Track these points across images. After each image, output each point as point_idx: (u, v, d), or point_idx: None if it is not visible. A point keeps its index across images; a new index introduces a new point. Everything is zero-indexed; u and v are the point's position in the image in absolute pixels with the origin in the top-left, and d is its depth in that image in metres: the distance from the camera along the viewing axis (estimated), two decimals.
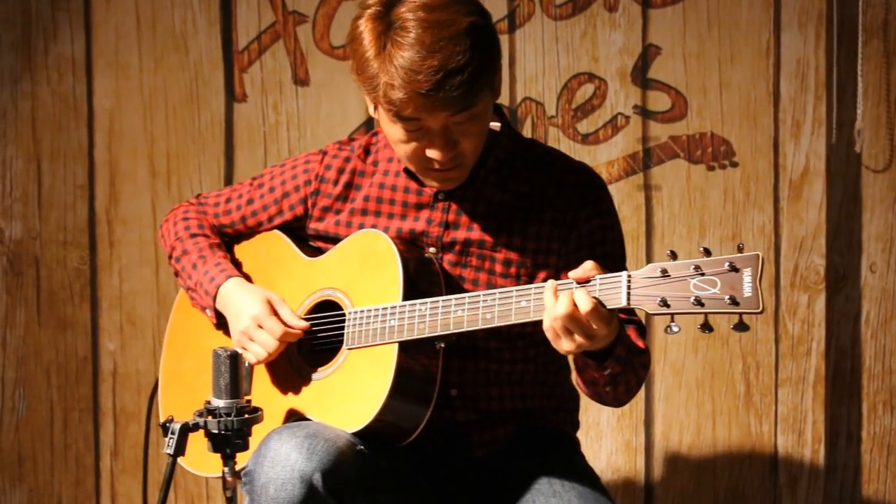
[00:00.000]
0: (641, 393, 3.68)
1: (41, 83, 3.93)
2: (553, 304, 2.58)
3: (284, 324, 2.87)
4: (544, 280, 2.81)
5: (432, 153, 2.75)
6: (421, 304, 2.75)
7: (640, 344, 2.82)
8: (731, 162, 3.81)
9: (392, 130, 2.77)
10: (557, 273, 2.86)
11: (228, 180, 3.91)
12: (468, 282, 2.89)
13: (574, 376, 2.89)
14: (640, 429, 3.89)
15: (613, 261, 2.84)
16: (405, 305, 2.77)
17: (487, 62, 2.72)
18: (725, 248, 3.80)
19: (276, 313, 2.87)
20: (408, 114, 2.69)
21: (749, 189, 3.82)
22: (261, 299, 2.88)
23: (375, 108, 2.79)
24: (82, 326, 3.97)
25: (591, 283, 2.57)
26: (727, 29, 3.79)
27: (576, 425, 3.09)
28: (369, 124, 3.83)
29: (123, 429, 3.99)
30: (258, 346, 2.87)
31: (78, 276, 3.97)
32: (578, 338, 2.58)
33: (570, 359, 2.90)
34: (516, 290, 2.67)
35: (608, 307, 2.56)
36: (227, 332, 3.01)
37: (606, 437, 3.89)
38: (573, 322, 2.56)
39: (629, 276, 2.54)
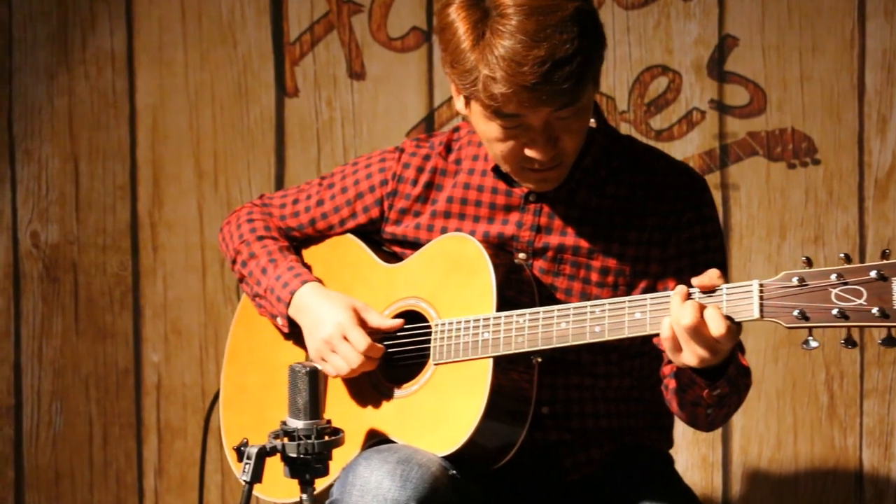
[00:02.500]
0: None
1: (79, 78, 3.86)
2: (679, 311, 2.41)
3: (375, 329, 2.71)
4: (645, 290, 2.68)
5: (532, 152, 2.59)
6: (518, 315, 2.59)
7: (744, 362, 2.66)
8: (813, 159, 3.73)
9: (487, 128, 2.61)
10: (656, 283, 2.72)
11: (279, 180, 3.83)
12: (560, 291, 2.74)
13: (668, 393, 2.73)
14: (717, 443, 3.80)
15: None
16: (500, 317, 2.61)
17: (594, 51, 2.56)
18: (807, 251, 3.72)
19: (362, 323, 2.72)
20: (509, 110, 2.54)
21: (832, 188, 3.73)
22: (346, 306, 2.73)
23: (467, 103, 2.63)
24: (123, 336, 3.90)
25: (717, 292, 2.41)
26: (809, 18, 3.70)
27: (671, 443, 2.94)
28: (429, 120, 3.77)
29: (168, 445, 3.92)
30: (340, 359, 2.72)
31: (118, 282, 3.90)
32: (701, 351, 2.42)
33: (666, 374, 2.74)
34: (629, 301, 2.51)
35: (736, 320, 2.39)
36: (297, 342, 2.87)
37: (682, 452, 3.79)
38: (698, 334, 2.40)
39: (761, 285, 2.36)
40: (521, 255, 2.74)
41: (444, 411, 2.63)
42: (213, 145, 3.85)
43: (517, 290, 2.68)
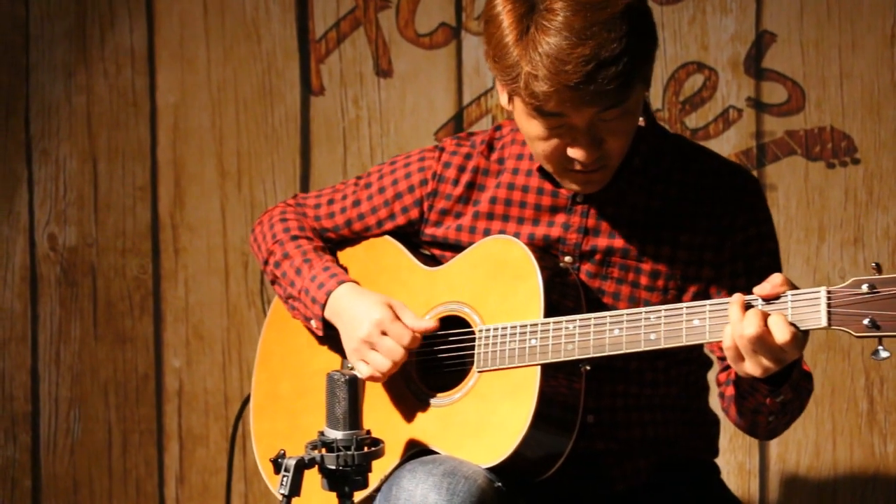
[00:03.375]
0: None
1: (97, 76, 3.83)
2: (740, 321, 2.34)
3: (410, 329, 2.65)
4: (696, 294, 2.61)
5: (574, 153, 2.52)
6: (568, 321, 2.51)
7: (806, 367, 2.57)
8: (853, 158, 3.67)
9: (529, 126, 2.54)
10: (708, 287, 2.64)
11: (304, 181, 3.80)
12: (608, 295, 2.66)
13: (724, 401, 2.66)
14: (754, 450, 3.74)
15: (769, 275, 2.56)
16: (548, 323, 2.53)
17: (644, 51, 2.48)
18: (846, 253, 3.67)
19: (399, 319, 2.66)
20: (551, 108, 2.46)
21: (872, 188, 3.67)
22: (382, 303, 2.67)
23: (510, 99, 2.56)
24: (143, 341, 3.87)
25: (782, 299, 2.33)
26: (848, 14, 3.65)
27: (715, 452, 2.87)
28: (458, 119, 3.73)
29: (190, 452, 3.89)
30: (381, 356, 2.64)
31: (138, 286, 3.87)
32: (765, 361, 2.35)
33: (722, 381, 2.67)
34: (686, 307, 2.43)
35: (802, 328, 2.31)
36: (331, 347, 2.80)
37: (718, 459, 3.61)
38: (762, 344, 2.33)
39: (829, 291, 2.28)
40: (567, 259, 2.67)
41: (489, 420, 2.56)
42: (237, 145, 3.81)
43: (563, 294, 2.61)
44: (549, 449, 2.54)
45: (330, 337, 2.78)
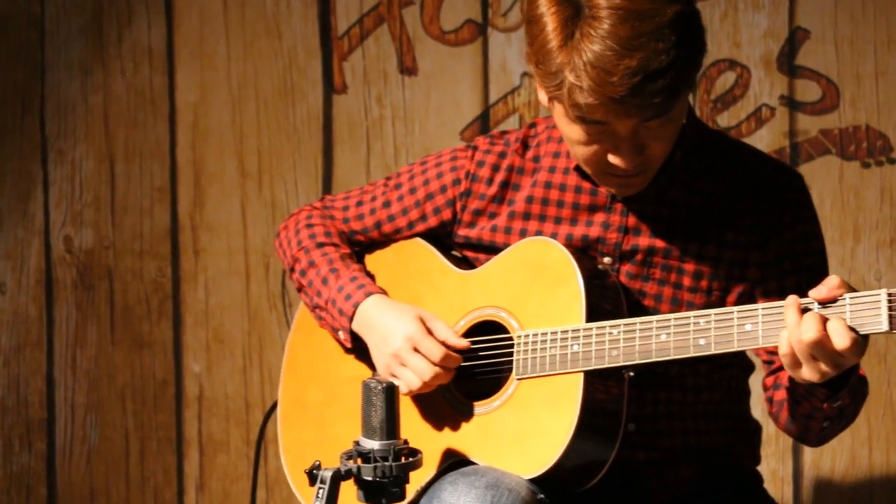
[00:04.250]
0: None
1: (115, 74, 3.81)
2: (797, 326, 2.27)
3: (441, 343, 2.59)
4: (741, 295, 2.55)
5: (616, 159, 2.46)
6: (612, 326, 2.45)
7: (861, 371, 2.52)
8: (889, 158, 3.63)
9: (570, 130, 2.48)
10: (754, 288, 2.58)
11: (326, 181, 3.77)
12: (650, 297, 2.60)
13: (772, 406, 2.60)
14: (787, 456, 3.70)
15: (818, 276, 2.52)
16: (591, 328, 2.47)
17: (692, 61, 2.41)
18: (882, 254, 3.63)
19: (431, 333, 2.60)
20: (594, 118, 2.41)
21: None
22: (413, 317, 2.61)
23: (550, 100, 2.50)
24: (161, 345, 3.85)
25: (839, 302, 2.27)
26: (884, 10, 3.61)
27: (758, 459, 2.81)
28: (484, 118, 3.70)
29: (210, 459, 3.87)
30: (412, 373, 2.58)
31: (156, 289, 3.85)
32: (824, 366, 2.29)
33: (769, 386, 2.62)
34: (738, 311, 2.36)
35: (862, 332, 2.26)
36: (361, 354, 2.73)
37: None
38: (821, 350, 2.27)
39: (889, 294, 2.23)
40: (607, 260, 2.61)
41: (529, 430, 2.50)
42: (258, 144, 3.79)
43: (603, 297, 2.55)
44: (592, 459, 2.49)
45: (359, 346, 2.72)
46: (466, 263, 2.72)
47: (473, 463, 2.55)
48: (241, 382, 3.82)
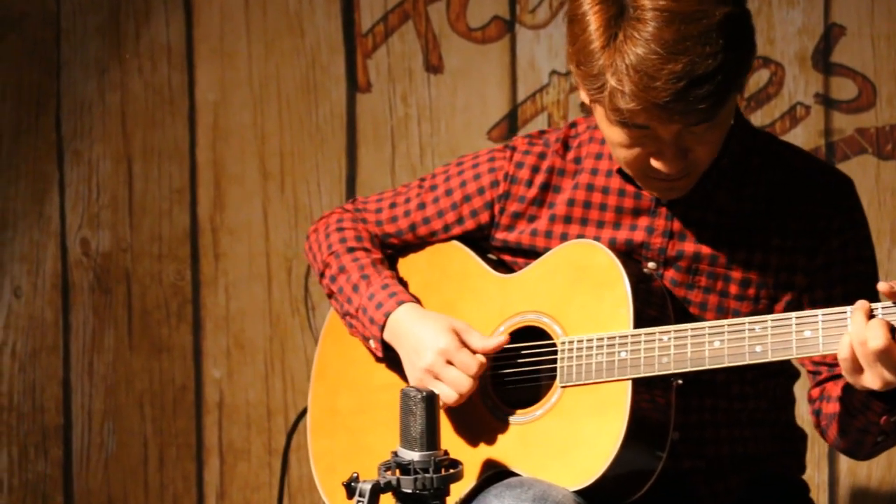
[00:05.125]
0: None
1: (132, 73, 3.80)
2: (864, 331, 2.22)
3: (478, 352, 2.54)
4: (789, 303, 2.50)
5: (658, 164, 2.41)
6: (662, 332, 2.40)
7: None
8: None
9: (611, 133, 2.44)
10: (801, 295, 2.53)
11: (350, 182, 3.76)
12: (694, 305, 2.54)
13: (820, 419, 2.56)
14: (823, 463, 3.67)
15: (868, 284, 2.49)
16: (639, 334, 2.41)
17: (740, 65, 2.36)
18: None
19: (465, 345, 2.55)
20: (636, 122, 2.36)
21: None
22: (446, 329, 2.56)
23: (591, 102, 2.45)
24: (180, 351, 3.84)
25: None
26: None
27: (803, 468, 2.76)
28: (512, 117, 3.69)
29: (231, 467, 3.85)
30: (447, 386, 2.53)
31: (176, 293, 3.84)
32: (888, 375, 2.23)
33: (816, 397, 2.58)
34: (796, 317, 2.31)
35: None
36: (392, 363, 2.68)
37: None
38: (887, 357, 2.21)
39: None
40: (651, 265, 2.56)
41: (575, 439, 2.44)
42: (279, 144, 3.77)
43: (647, 302, 2.49)
44: (638, 469, 2.43)
45: (390, 355, 2.68)
46: (504, 267, 2.68)
47: (514, 473, 2.50)
48: (262, 389, 3.81)
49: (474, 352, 2.54)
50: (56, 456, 3.88)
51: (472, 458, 2.51)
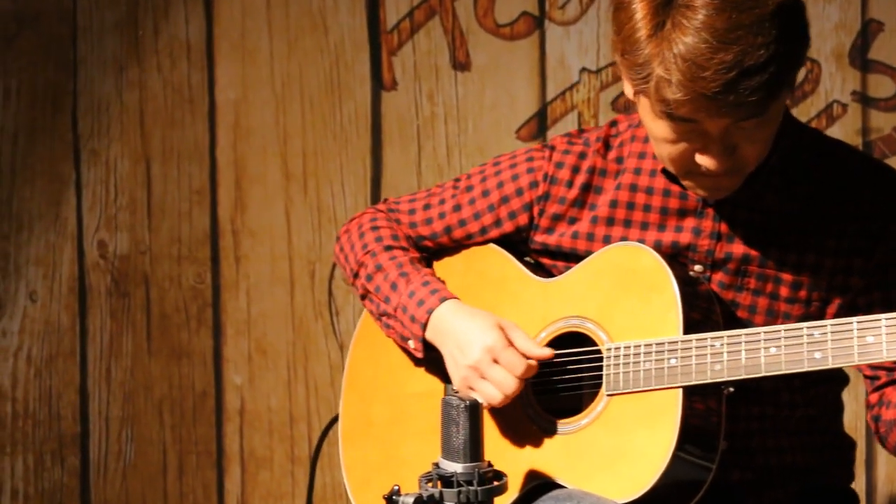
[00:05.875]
0: (861, 430, 3.55)
1: (150, 71, 3.79)
2: None
3: (522, 354, 2.48)
4: (841, 306, 2.45)
5: (704, 160, 2.35)
6: (714, 338, 2.34)
7: None
8: None
9: (655, 127, 2.37)
10: (856, 298, 2.47)
11: (375, 182, 3.74)
12: (743, 308, 2.49)
13: (880, 425, 2.50)
14: (861, 471, 3.62)
15: None
16: (690, 340, 2.35)
17: (793, 57, 2.30)
18: None
19: (512, 343, 2.49)
20: (683, 114, 2.30)
21: None
22: (492, 325, 2.50)
23: (636, 94, 2.39)
24: (201, 356, 3.82)
25: None
26: None
27: (852, 477, 2.71)
28: (542, 115, 3.66)
29: (252, 476, 3.83)
30: (492, 386, 2.47)
31: (195, 296, 3.82)
32: None
33: (874, 402, 2.52)
34: (857, 322, 2.24)
35: None
36: (430, 368, 2.64)
37: None
38: None
39: None
40: (697, 268, 2.50)
41: (623, 450, 2.38)
42: (302, 144, 3.76)
43: (695, 306, 2.43)
44: (689, 481, 2.37)
45: (429, 357, 2.62)
46: (543, 271, 2.63)
47: (559, 485, 2.45)
48: (284, 396, 3.79)
49: (518, 352, 2.49)
50: (73, 464, 3.87)
51: (514, 469, 2.45)
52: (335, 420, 2.81)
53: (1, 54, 3.75)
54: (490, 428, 2.51)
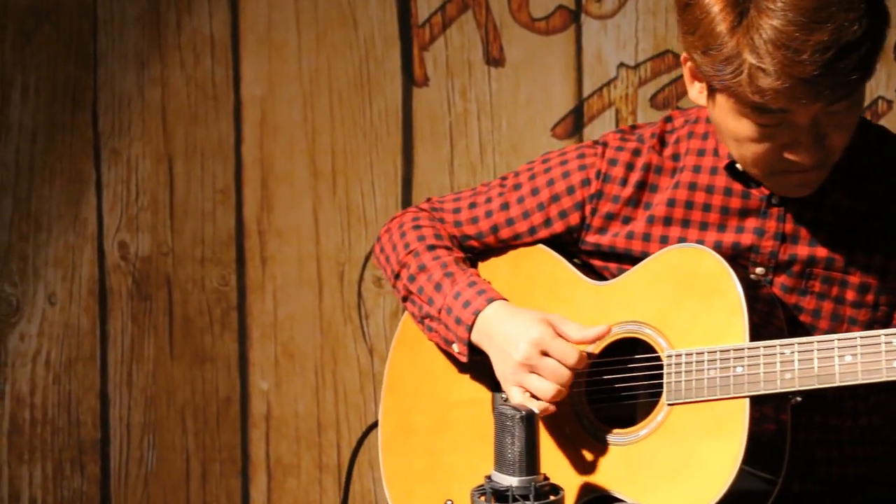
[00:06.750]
0: None
1: (173, 66, 3.77)
2: None
3: (578, 342, 2.42)
4: None
5: (795, 155, 2.29)
6: (783, 345, 2.27)
7: None
8: None
9: (738, 125, 2.30)
10: None
11: (406, 181, 3.71)
12: (806, 312, 2.42)
13: None
14: None
15: None
16: (758, 347, 2.28)
17: (882, 32, 2.26)
18: None
19: (561, 335, 2.44)
20: (776, 105, 2.23)
21: None
22: (540, 319, 2.44)
23: (712, 94, 2.33)
24: (225, 360, 3.80)
25: None
26: None
27: None
28: (578, 112, 3.61)
29: (279, 484, 3.81)
30: (544, 381, 2.41)
31: (219, 299, 3.80)
32: None
33: None
34: None
35: None
36: (476, 373, 2.57)
37: None
38: None
39: None
40: (759, 270, 2.43)
41: (686, 462, 2.31)
42: (331, 142, 3.74)
43: (756, 311, 2.36)
44: (754, 493, 2.31)
45: (473, 363, 2.56)
46: (594, 273, 2.56)
47: (617, 499, 2.39)
48: (312, 401, 3.76)
49: (574, 342, 2.43)
50: (93, 472, 3.86)
51: (569, 483, 2.39)
52: (372, 427, 2.76)
53: (19, 49, 3.75)
54: (543, 439, 2.43)
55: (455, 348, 2.54)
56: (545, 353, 2.42)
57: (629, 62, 3.52)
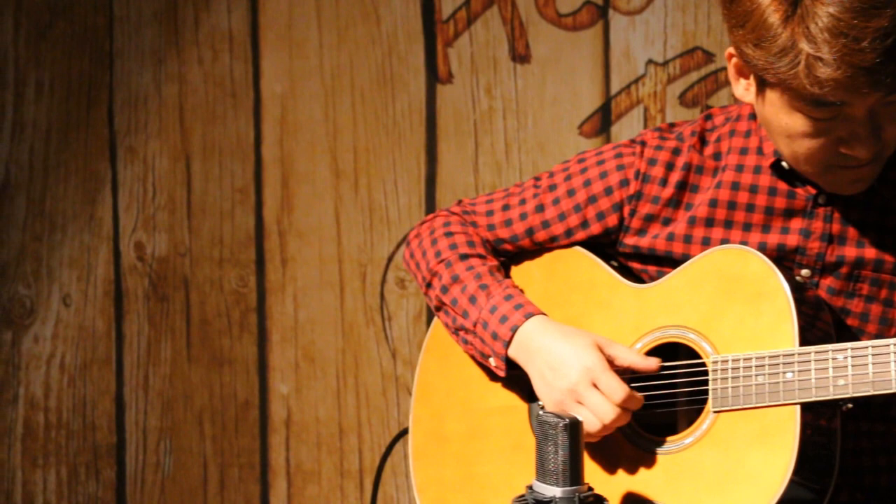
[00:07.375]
0: None
1: (191, 63, 3.74)
2: None
3: (625, 368, 2.37)
4: None
5: (852, 149, 2.24)
6: (836, 350, 2.21)
7: None
8: None
9: (790, 121, 2.25)
10: None
11: (430, 180, 3.66)
12: (853, 316, 2.37)
13: None
14: None
15: None
16: (808, 352, 2.22)
17: None
18: None
19: (612, 362, 2.38)
20: (834, 97, 2.18)
21: None
22: (590, 345, 2.38)
23: (762, 90, 2.27)
24: (243, 363, 3.76)
25: None
26: None
27: None
28: (606, 110, 3.56)
29: (299, 490, 3.76)
30: (589, 412, 2.35)
31: (238, 301, 3.76)
32: None
33: None
34: None
35: None
36: (508, 382, 2.51)
37: None
38: None
39: None
40: (805, 272, 2.38)
41: (734, 472, 2.25)
42: (353, 140, 3.71)
43: (802, 314, 2.31)
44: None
45: (514, 376, 2.51)
46: (632, 276, 2.50)
47: None
48: (333, 406, 3.73)
49: (620, 368, 2.37)
50: (108, 477, 3.84)
51: (611, 493, 2.33)
52: (401, 434, 2.74)
53: (34, 46, 3.71)
54: (585, 447, 2.34)
55: (492, 362, 2.49)
56: (594, 385, 2.37)
57: (658, 59, 3.46)
